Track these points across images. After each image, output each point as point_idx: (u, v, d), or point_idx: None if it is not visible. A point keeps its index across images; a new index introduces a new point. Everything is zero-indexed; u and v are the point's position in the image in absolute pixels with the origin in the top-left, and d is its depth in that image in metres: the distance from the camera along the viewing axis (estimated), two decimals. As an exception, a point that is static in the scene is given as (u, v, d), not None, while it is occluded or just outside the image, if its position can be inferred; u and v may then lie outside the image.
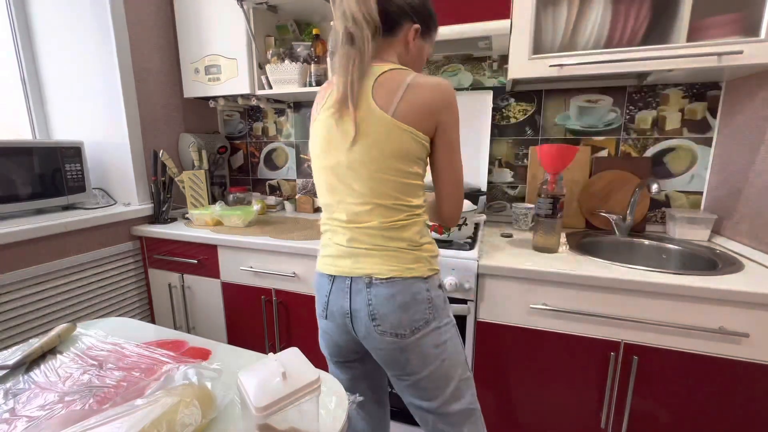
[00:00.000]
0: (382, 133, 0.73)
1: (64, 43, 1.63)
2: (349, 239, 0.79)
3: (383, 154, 0.74)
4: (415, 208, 0.79)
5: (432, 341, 0.78)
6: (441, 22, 1.28)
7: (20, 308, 1.29)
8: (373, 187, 0.76)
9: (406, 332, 0.77)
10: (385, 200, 0.76)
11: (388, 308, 0.76)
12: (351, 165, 0.76)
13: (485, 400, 1.22)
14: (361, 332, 0.80)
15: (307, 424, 0.52)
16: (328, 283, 0.83)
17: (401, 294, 0.76)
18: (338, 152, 0.78)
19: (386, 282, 0.77)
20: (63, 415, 0.58)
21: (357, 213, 0.78)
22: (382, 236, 0.77)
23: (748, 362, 0.94)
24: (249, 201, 1.92)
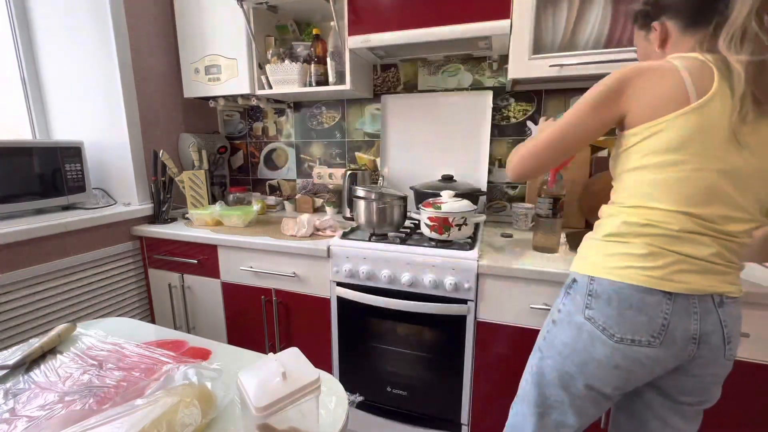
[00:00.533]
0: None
1: (64, 43, 1.63)
2: (715, 254, 0.68)
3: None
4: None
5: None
6: (441, 22, 1.29)
7: (20, 308, 1.29)
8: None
9: (737, 354, 0.73)
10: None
11: (737, 330, 0.72)
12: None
13: (485, 400, 1.22)
14: (706, 358, 0.70)
15: (307, 424, 0.52)
16: (665, 302, 0.68)
17: (742, 316, 0.73)
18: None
19: (734, 302, 0.71)
20: (63, 415, 0.58)
21: (738, 227, 0.69)
22: (740, 253, 0.71)
23: (748, 362, 0.94)
24: (249, 201, 1.92)
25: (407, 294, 1.22)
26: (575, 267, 0.80)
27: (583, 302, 0.74)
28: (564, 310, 0.79)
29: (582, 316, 0.74)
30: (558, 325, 0.79)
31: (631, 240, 0.72)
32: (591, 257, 0.77)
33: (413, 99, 1.70)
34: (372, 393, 1.35)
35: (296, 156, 2.00)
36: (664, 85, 0.67)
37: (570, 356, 0.75)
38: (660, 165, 0.69)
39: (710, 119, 0.65)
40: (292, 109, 1.95)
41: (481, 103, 1.58)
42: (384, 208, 1.30)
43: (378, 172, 1.83)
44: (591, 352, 0.73)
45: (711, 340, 0.69)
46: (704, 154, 0.66)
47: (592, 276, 0.74)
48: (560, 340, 0.78)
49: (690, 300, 0.68)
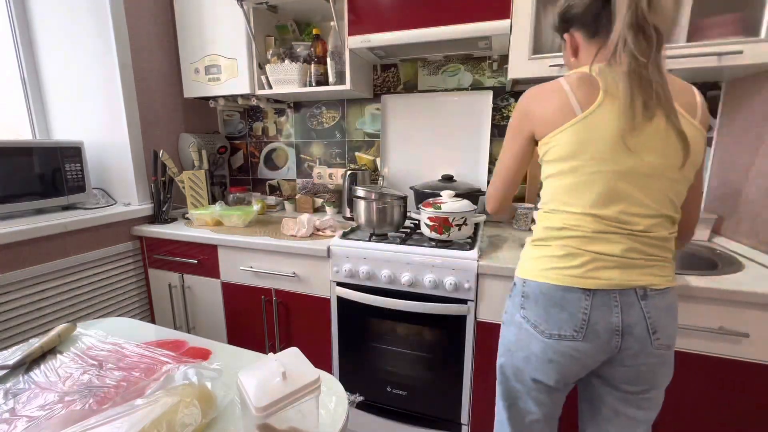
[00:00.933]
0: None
1: (64, 43, 1.63)
2: (628, 249, 0.73)
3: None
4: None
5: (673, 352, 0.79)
6: (441, 22, 1.29)
7: (20, 308, 1.29)
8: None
9: (672, 343, 0.77)
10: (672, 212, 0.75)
11: (665, 320, 0.75)
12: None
13: (485, 399, 1.22)
14: (632, 349, 0.74)
15: (307, 424, 0.52)
16: (584, 298, 0.74)
17: (675, 304, 0.77)
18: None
19: (661, 293, 0.74)
20: (63, 415, 0.58)
21: (646, 222, 0.74)
22: (663, 247, 0.75)
23: (748, 362, 0.94)
24: (249, 201, 1.92)
25: (407, 294, 1.22)
26: (516, 270, 0.87)
27: (519, 303, 0.83)
28: (508, 311, 0.87)
29: (519, 315, 0.82)
30: (505, 325, 0.88)
31: (551, 243, 0.79)
32: (524, 262, 0.85)
33: (413, 99, 1.70)
34: (372, 393, 1.35)
35: (296, 156, 2.00)
36: (553, 103, 0.76)
37: (516, 352, 0.83)
38: (563, 172, 0.76)
39: (597, 127, 0.71)
40: (292, 109, 1.95)
41: (481, 103, 1.58)
42: (384, 208, 1.30)
43: (378, 172, 1.83)
44: (529, 348, 0.80)
45: (635, 332, 0.73)
46: (597, 158, 0.72)
47: (524, 279, 0.82)
48: (507, 338, 0.87)
49: (610, 295, 0.73)
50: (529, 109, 0.81)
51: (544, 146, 0.79)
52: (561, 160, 0.76)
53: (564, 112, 0.74)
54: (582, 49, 0.81)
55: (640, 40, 0.67)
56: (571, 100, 0.74)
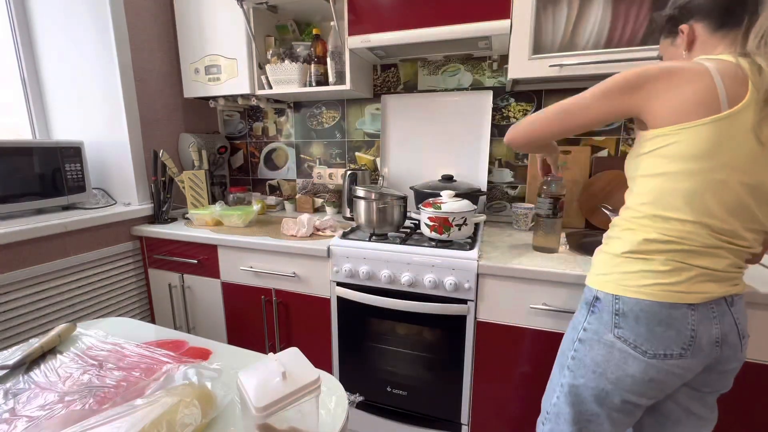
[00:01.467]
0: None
1: (64, 43, 1.63)
2: (731, 264, 0.71)
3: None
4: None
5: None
6: (441, 22, 1.29)
7: (20, 308, 1.29)
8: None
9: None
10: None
11: (746, 323, 0.75)
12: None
13: (485, 400, 1.22)
14: (727, 356, 0.73)
15: (307, 424, 0.52)
16: (690, 314, 0.70)
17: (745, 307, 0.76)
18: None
19: (741, 297, 0.75)
20: (63, 415, 0.58)
21: (752, 238, 0.71)
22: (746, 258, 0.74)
23: (748, 362, 0.93)
24: (249, 201, 1.92)
25: (407, 294, 1.22)
26: (595, 284, 0.79)
27: (611, 321, 0.74)
28: (590, 329, 0.78)
29: (612, 334, 0.74)
30: (586, 344, 0.79)
31: (653, 257, 0.72)
32: (612, 274, 0.76)
33: (413, 99, 1.70)
34: (372, 393, 1.35)
35: (296, 156, 2.00)
36: (693, 89, 0.64)
37: (603, 374, 0.75)
38: (684, 173, 0.67)
39: (742, 129, 0.63)
40: (292, 109, 1.95)
41: (481, 103, 1.58)
42: (384, 208, 1.30)
43: (378, 172, 1.83)
44: (625, 369, 0.73)
45: (729, 339, 0.72)
46: (731, 165, 0.64)
47: (617, 294, 0.74)
48: (591, 359, 0.77)
49: (709, 307, 0.70)
50: (651, 84, 0.68)
51: (663, 138, 0.68)
52: (689, 159, 0.66)
53: (707, 102, 0.63)
54: (699, 43, 0.73)
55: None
56: (719, 89, 0.63)
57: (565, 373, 0.82)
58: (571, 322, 0.85)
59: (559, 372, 0.85)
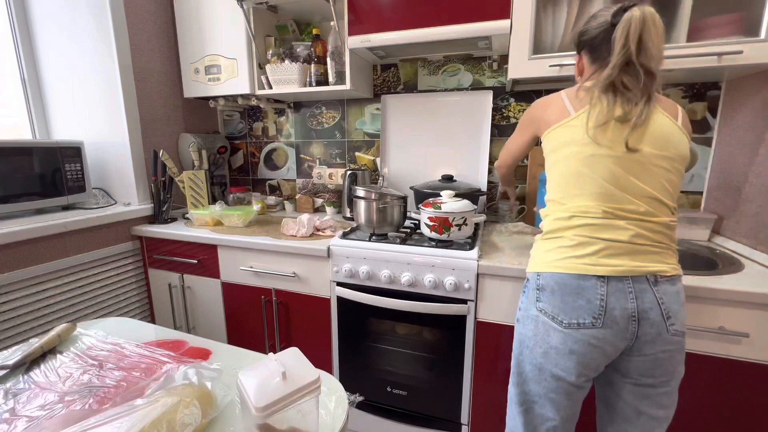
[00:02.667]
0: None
1: (65, 44, 1.63)
2: (635, 235, 0.77)
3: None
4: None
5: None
6: (441, 22, 1.29)
7: (20, 308, 1.29)
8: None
9: (684, 330, 0.79)
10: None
11: (676, 306, 0.78)
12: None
13: (485, 400, 1.22)
14: (649, 335, 0.76)
15: (307, 424, 0.52)
16: (599, 285, 0.77)
17: (682, 292, 0.80)
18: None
19: (670, 280, 0.78)
20: (63, 415, 0.58)
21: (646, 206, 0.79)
22: (667, 234, 0.80)
23: (748, 362, 0.94)
24: (249, 201, 1.92)
25: (407, 294, 1.22)
26: (528, 267, 0.90)
27: (534, 296, 0.85)
28: (522, 307, 0.89)
29: (535, 308, 0.84)
30: (520, 322, 0.89)
31: (562, 233, 0.83)
32: (536, 256, 0.89)
33: (413, 99, 1.70)
34: (372, 393, 1.35)
35: (296, 156, 2.00)
36: (554, 106, 0.90)
37: (534, 348, 0.84)
38: (560, 160, 0.85)
39: (574, 128, 0.83)
40: (292, 109, 1.95)
41: (481, 103, 1.58)
42: (384, 208, 1.30)
43: (378, 172, 1.83)
44: (548, 341, 0.81)
45: (650, 317, 0.76)
46: (584, 145, 0.81)
47: (538, 272, 0.85)
48: (524, 334, 0.87)
49: (624, 281, 0.76)
50: (535, 115, 0.96)
51: (544, 141, 0.90)
52: (554, 150, 0.87)
53: (558, 113, 0.87)
54: (585, 71, 0.92)
55: (629, 75, 0.78)
56: (566, 104, 0.87)
57: (513, 353, 0.92)
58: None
59: (513, 355, 0.93)
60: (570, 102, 0.87)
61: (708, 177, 1.38)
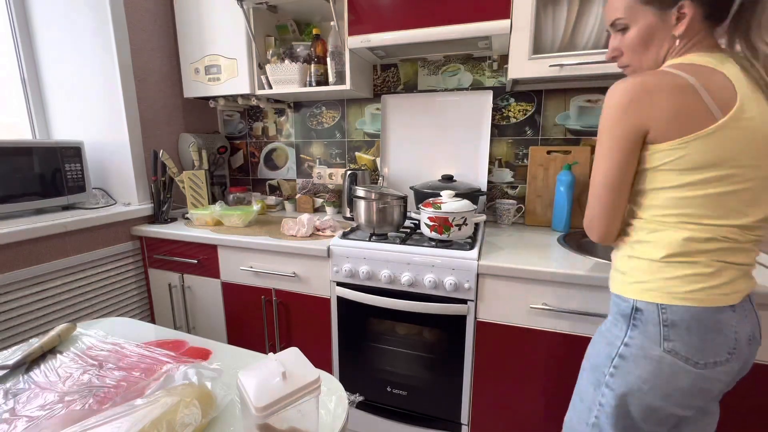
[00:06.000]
0: None
1: (65, 44, 1.63)
2: (754, 256, 0.71)
3: None
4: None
5: None
6: (441, 22, 1.29)
7: (20, 308, 1.29)
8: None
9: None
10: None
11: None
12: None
13: (485, 400, 1.22)
14: (754, 352, 0.72)
15: (307, 424, 0.52)
16: (733, 316, 0.68)
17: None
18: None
19: (752, 292, 0.73)
20: (63, 415, 0.58)
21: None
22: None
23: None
24: (249, 201, 1.92)
25: (407, 294, 1.22)
26: (633, 293, 0.73)
27: (659, 333, 0.70)
28: (634, 344, 0.72)
29: (660, 348, 0.70)
30: (629, 360, 0.73)
31: (697, 258, 0.68)
32: (653, 281, 0.71)
33: (413, 99, 1.70)
34: (372, 393, 1.35)
35: (296, 156, 2.00)
36: (684, 101, 0.64)
37: (651, 391, 0.71)
38: (703, 181, 0.66)
39: (750, 128, 0.63)
40: (292, 109, 1.95)
41: (481, 103, 1.58)
42: (384, 208, 1.30)
43: (378, 172, 1.83)
44: (674, 383, 0.70)
45: (756, 335, 0.71)
46: (750, 166, 0.65)
47: (662, 303, 0.70)
48: (636, 376, 0.72)
49: (742, 305, 0.70)
50: (645, 101, 0.66)
51: (668, 153, 0.67)
52: (703, 169, 0.65)
53: (699, 113, 0.64)
54: (692, 28, 0.69)
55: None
56: (705, 100, 0.63)
57: (604, 391, 0.76)
58: (603, 336, 0.79)
59: (594, 390, 0.78)
60: (709, 96, 0.63)
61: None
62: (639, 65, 0.77)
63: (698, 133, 0.63)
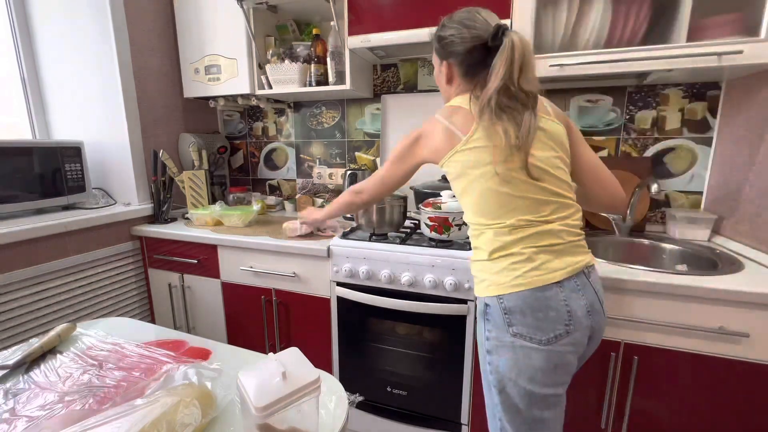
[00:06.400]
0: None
1: (65, 44, 1.63)
2: (565, 234, 0.80)
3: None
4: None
5: None
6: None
7: (20, 308, 1.29)
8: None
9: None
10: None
11: (602, 290, 0.84)
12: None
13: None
14: (599, 324, 0.81)
15: (307, 424, 0.52)
16: (559, 291, 0.77)
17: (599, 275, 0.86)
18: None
19: (593, 268, 0.83)
20: (63, 415, 0.58)
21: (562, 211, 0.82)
22: (581, 227, 0.84)
23: (748, 362, 0.94)
24: (249, 201, 1.92)
25: (407, 294, 1.22)
26: (481, 292, 0.85)
27: (504, 321, 0.79)
28: (492, 336, 0.82)
29: (509, 335, 0.79)
30: (494, 353, 0.82)
31: (510, 249, 0.79)
32: (488, 278, 0.82)
33: (413, 99, 1.70)
34: (372, 393, 1.35)
35: (296, 156, 2.00)
36: (440, 133, 0.86)
37: (518, 376, 0.78)
38: (470, 185, 0.83)
39: (477, 150, 0.81)
40: (292, 109, 1.95)
41: (481, 103, 1.58)
42: (384, 208, 1.30)
43: (378, 172, 1.83)
44: (531, 364, 0.77)
45: (595, 307, 0.80)
46: (493, 170, 0.80)
47: (499, 295, 0.80)
48: (503, 365, 0.80)
49: (573, 281, 0.78)
50: (421, 145, 0.92)
51: (444, 167, 0.88)
52: (460, 176, 0.84)
53: (448, 139, 0.85)
54: (457, 80, 0.90)
55: (510, 98, 0.77)
56: (452, 129, 0.84)
57: (493, 392, 0.84)
58: (477, 340, 0.88)
59: (488, 393, 0.87)
60: (452, 124, 0.85)
61: (708, 177, 1.38)
62: (443, 95, 0.98)
63: (452, 150, 0.84)
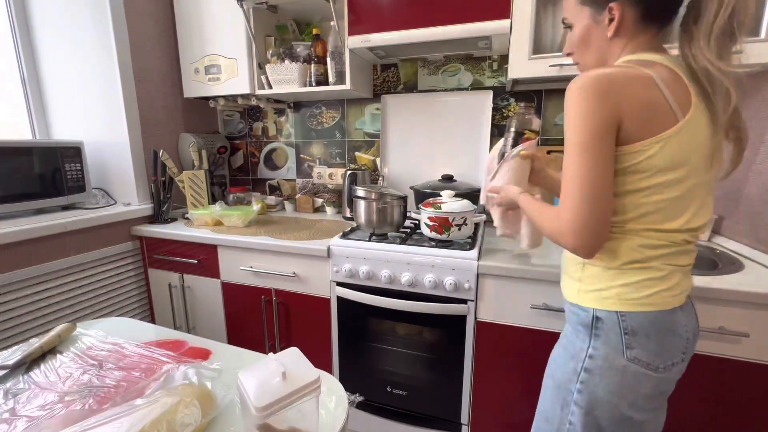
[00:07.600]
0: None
1: (65, 43, 1.63)
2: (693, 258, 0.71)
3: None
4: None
5: None
6: (441, 22, 1.29)
7: (20, 308, 1.29)
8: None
9: None
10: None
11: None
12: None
13: (485, 400, 1.22)
14: (694, 346, 0.73)
15: (307, 424, 0.52)
16: (683, 315, 0.69)
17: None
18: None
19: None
20: (63, 415, 0.58)
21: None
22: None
23: (748, 362, 0.94)
24: (249, 201, 1.92)
25: (407, 294, 1.22)
26: (591, 302, 0.71)
27: (621, 342, 0.68)
28: (598, 354, 0.70)
29: (623, 358, 0.68)
30: (595, 374, 0.70)
31: (650, 264, 0.67)
32: (610, 289, 0.69)
33: (413, 99, 1.70)
34: (372, 393, 1.35)
35: (296, 156, 2.00)
36: (650, 99, 0.61)
37: (620, 401, 0.70)
38: (665, 184, 0.64)
39: (697, 134, 0.63)
40: (292, 109, 1.95)
41: (481, 103, 1.58)
42: (384, 208, 1.30)
43: (378, 172, 1.83)
44: (638, 390, 0.69)
45: (697, 330, 0.73)
46: (699, 168, 0.65)
47: (622, 311, 0.68)
48: (603, 389, 0.70)
49: (688, 303, 0.72)
50: (615, 94, 0.61)
51: (639, 154, 0.63)
52: (667, 171, 0.63)
53: (664, 112, 0.61)
54: (628, 30, 0.68)
55: (725, 41, 0.60)
56: (669, 101, 0.61)
57: (573, 410, 0.73)
58: (566, 350, 0.76)
59: (561, 410, 0.75)
60: (668, 90, 0.62)
61: (708, 177, 1.38)
62: (585, 64, 0.78)
63: (666, 133, 0.61)
